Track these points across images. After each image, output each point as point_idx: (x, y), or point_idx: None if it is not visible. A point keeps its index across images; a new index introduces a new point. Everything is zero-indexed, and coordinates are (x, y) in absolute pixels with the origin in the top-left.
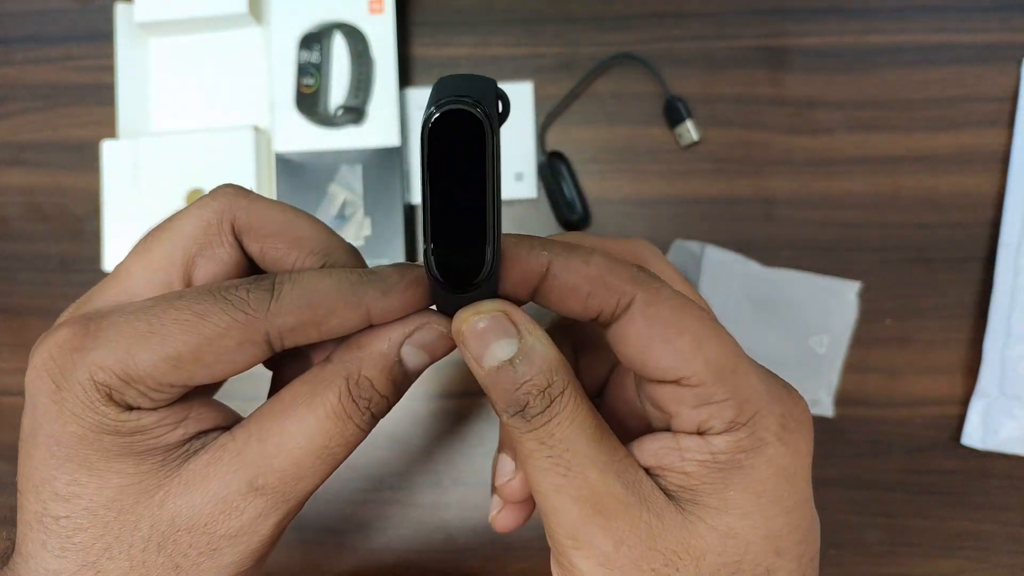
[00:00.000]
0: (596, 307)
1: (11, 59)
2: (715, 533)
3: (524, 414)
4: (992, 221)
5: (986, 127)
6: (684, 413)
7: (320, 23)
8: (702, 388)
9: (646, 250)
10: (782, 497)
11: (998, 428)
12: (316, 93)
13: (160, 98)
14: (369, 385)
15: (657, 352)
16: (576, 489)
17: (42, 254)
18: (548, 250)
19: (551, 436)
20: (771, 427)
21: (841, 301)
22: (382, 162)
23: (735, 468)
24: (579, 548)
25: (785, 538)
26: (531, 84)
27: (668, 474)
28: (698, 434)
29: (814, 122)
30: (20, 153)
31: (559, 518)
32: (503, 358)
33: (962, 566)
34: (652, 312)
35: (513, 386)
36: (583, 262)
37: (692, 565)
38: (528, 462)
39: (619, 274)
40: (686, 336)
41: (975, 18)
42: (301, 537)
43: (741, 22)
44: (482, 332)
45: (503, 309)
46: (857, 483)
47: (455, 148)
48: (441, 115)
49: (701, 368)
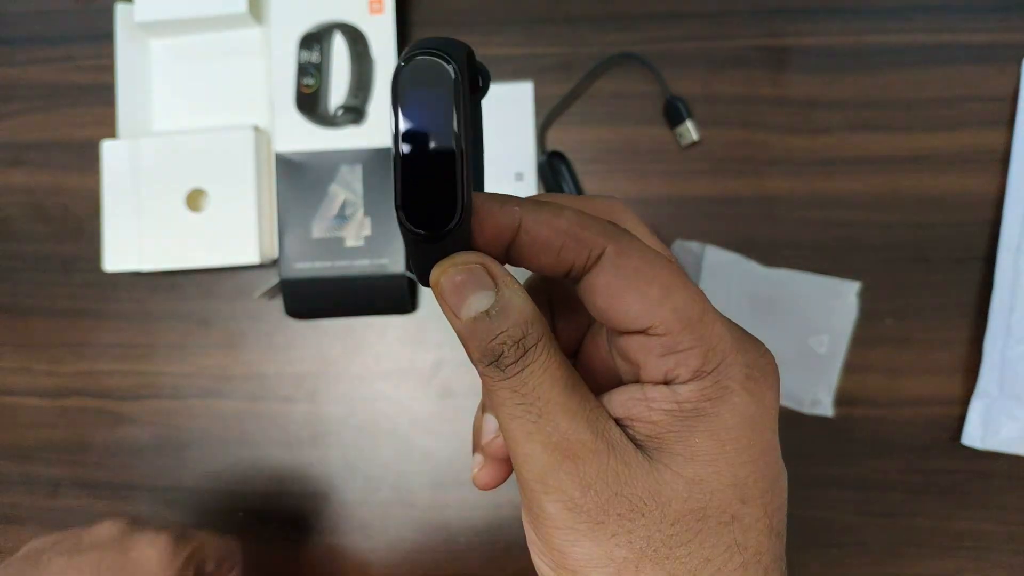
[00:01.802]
0: (568, 260)
1: (12, 59)
2: (680, 480)
3: (499, 363)
4: (992, 221)
5: (986, 127)
6: (651, 362)
7: (320, 23)
8: (669, 337)
9: (618, 206)
10: (747, 445)
11: (998, 428)
12: (316, 93)
13: (160, 98)
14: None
15: (626, 301)
16: (546, 436)
17: (43, 254)
18: (520, 205)
19: (524, 384)
20: (736, 376)
21: (841, 301)
22: (382, 162)
23: (700, 416)
24: (548, 493)
25: (750, 486)
26: (531, 84)
27: (636, 424)
28: (665, 383)
29: (814, 122)
30: (21, 153)
31: (530, 464)
32: (480, 309)
33: (962, 566)
34: (622, 263)
35: (489, 336)
36: (555, 216)
37: (657, 511)
38: (501, 410)
39: (590, 227)
40: (654, 286)
41: (975, 18)
42: (302, 537)
43: (741, 22)
44: (460, 284)
45: (480, 261)
46: (857, 483)
47: (425, 98)
48: (412, 62)
49: (668, 316)
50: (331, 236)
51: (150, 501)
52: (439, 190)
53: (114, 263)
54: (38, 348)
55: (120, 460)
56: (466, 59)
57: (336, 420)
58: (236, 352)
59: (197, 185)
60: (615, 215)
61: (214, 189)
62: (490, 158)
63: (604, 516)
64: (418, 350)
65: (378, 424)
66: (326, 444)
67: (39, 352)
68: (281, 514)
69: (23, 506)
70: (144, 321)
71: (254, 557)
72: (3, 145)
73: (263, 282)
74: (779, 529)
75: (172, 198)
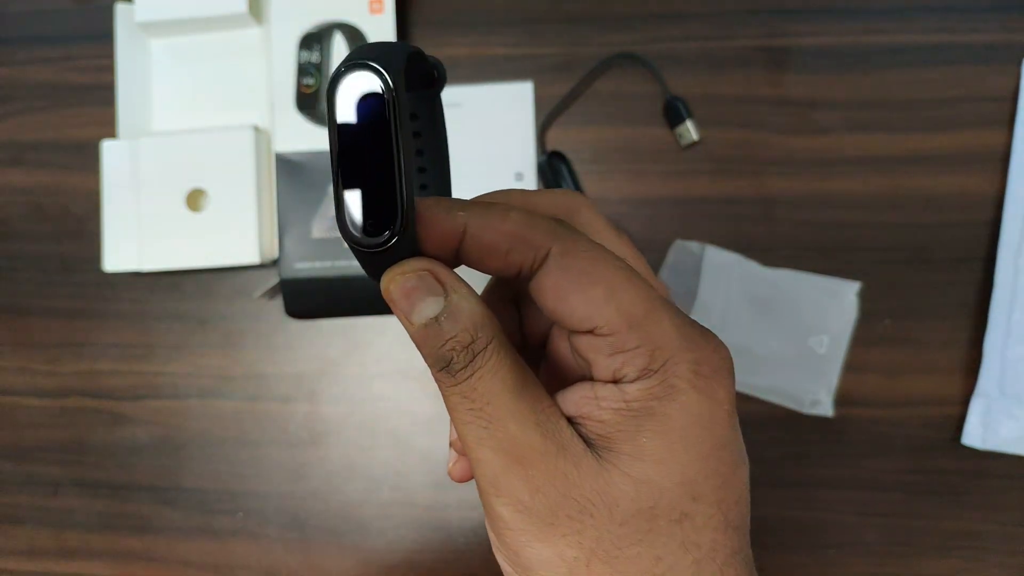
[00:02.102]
0: (516, 263)
1: (12, 59)
2: (629, 480)
3: (449, 369)
4: (992, 221)
5: (986, 127)
6: (600, 362)
7: (320, 23)
8: (615, 337)
9: (575, 200)
10: (697, 443)
11: (998, 428)
12: (316, 93)
13: (160, 98)
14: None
15: (572, 302)
16: (496, 441)
17: (43, 254)
18: (465, 210)
19: (473, 390)
20: (683, 374)
21: (841, 301)
22: None
23: (648, 415)
24: (499, 496)
25: (701, 483)
26: (531, 84)
27: (587, 422)
28: (614, 382)
29: (814, 122)
30: (21, 153)
31: (482, 468)
32: (430, 315)
33: (961, 566)
34: (567, 263)
35: (438, 342)
36: (500, 219)
37: (606, 512)
38: (454, 415)
39: (536, 228)
40: (599, 286)
41: (975, 18)
42: (301, 537)
43: (741, 22)
44: (409, 291)
45: (428, 267)
46: (857, 483)
47: (359, 110)
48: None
49: (613, 316)
50: (331, 236)
51: (150, 501)
52: (379, 201)
53: (114, 263)
54: (37, 348)
55: (120, 460)
56: (407, 61)
57: (336, 420)
58: (236, 352)
59: (197, 185)
60: (571, 209)
61: (214, 189)
62: (490, 158)
63: (553, 518)
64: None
65: (378, 424)
66: (326, 444)
67: (39, 352)
68: (281, 514)
69: (23, 506)
70: (144, 321)
71: (254, 557)
72: (3, 145)
73: (263, 282)
74: (736, 523)
75: (172, 198)
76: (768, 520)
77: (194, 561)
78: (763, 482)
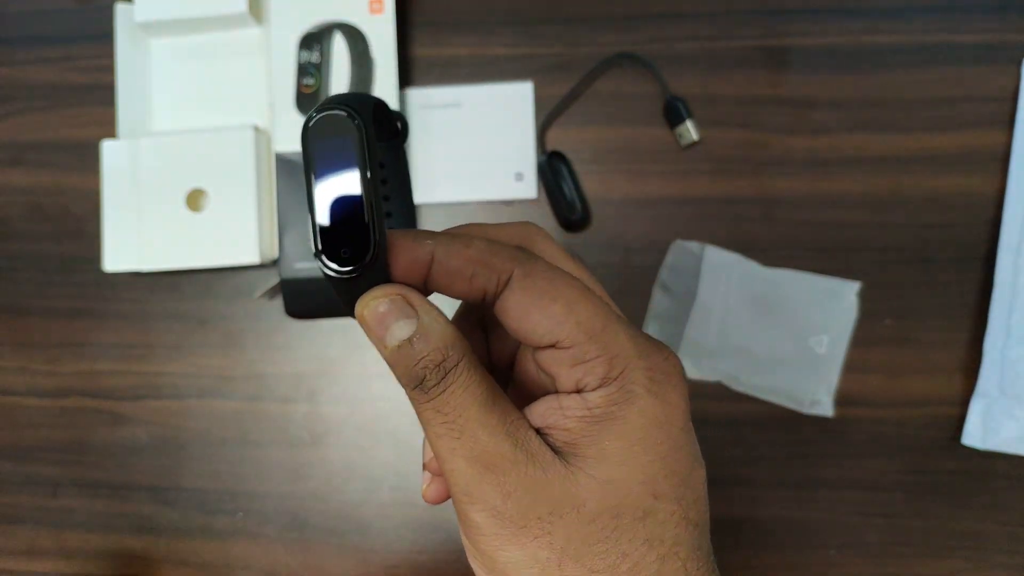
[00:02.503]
0: (480, 287)
1: (12, 59)
2: (594, 481)
3: (422, 386)
4: (992, 221)
5: (986, 127)
6: (564, 374)
7: (320, 23)
8: (576, 348)
9: (532, 231)
10: (655, 444)
11: (998, 428)
12: (316, 93)
13: (160, 98)
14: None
15: (534, 319)
16: (468, 450)
17: (43, 254)
18: (432, 239)
19: (446, 404)
20: (639, 380)
21: (841, 301)
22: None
23: (609, 420)
24: (473, 503)
25: (662, 482)
26: (531, 84)
27: (554, 432)
28: (577, 392)
29: (814, 122)
30: (21, 153)
31: (455, 478)
32: (402, 337)
33: (962, 566)
34: (528, 283)
35: (412, 361)
36: (464, 246)
37: (574, 512)
38: (428, 430)
39: (498, 254)
40: (558, 302)
41: (975, 18)
42: (302, 537)
43: (741, 22)
44: (383, 315)
45: (400, 292)
46: (857, 483)
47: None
48: (319, 118)
49: (574, 330)
50: None
51: (149, 501)
52: (353, 232)
53: (114, 263)
54: (37, 348)
55: (119, 460)
56: (374, 110)
57: (336, 420)
58: (236, 352)
59: (197, 185)
60: (528, 238)
61: (214, 189)
62: (490, 158)
63: (525, 521)
64: None
65: (378, 424)
66: (326, 444)
67: (38, 352)
68: (281, 514)
69: (23, 506)
70: (144, 321)
71: (254, 557)
72: (3, 145)
73: (263, 282)
74: (696, 520)
75: (172, 198)
76: (768, 520)
77: (194, 561)
78: (763, 482)
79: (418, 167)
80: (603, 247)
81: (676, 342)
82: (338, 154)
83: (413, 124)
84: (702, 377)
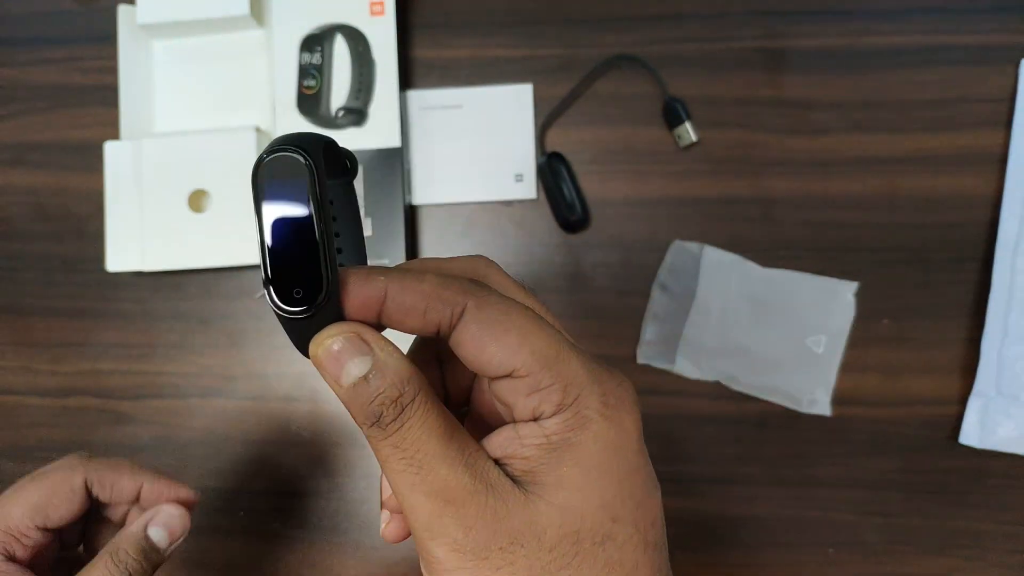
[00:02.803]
0: (435, 321)
1: (15, 60)
2: (553, 508)
3: (379, 423)
4: (989, 221)
5: (983, 128)
6: (520, 402)
7: (321, 25)
8: (531, 377)
9: (482, 263)
10: (611, 469)
11: (995, 427)
12: (317, 94)
13: (163, 99)
14: (126, 553)
15: (490, 350)
16: (428, 485)
17: (45, 254)
18: (384, 275)
19: (403, 440)
20: (593, 405)
21: (838, 301)
22: (383, 163)
23: (566, 447)
24: (434, 538)
25: (619, 506)
26: (531, 86)
27: (512, 461)
28: (534, 420)
29: (812, 123)
30: (24, 154)
31: (416, 514)
32: (358, 375)
33: (959, 565)
34: (482, 316)
35: (368, 399)
36: (417, 281)
37: (534, 541)
38: (386, 466)
39: (450, 287)
40: (512, 332)
41: (972, 19)
42: (303, 536)
43: (740, 24)
44: (337, 353)
45: (354, 330)
46: (855, 482)
47: (283, 189)
48: (269, 159)
49: (528, 359)
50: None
51: None
52: (305, 271)
53: (116, 263)
54: (40, 347)
55: None
56: (323, 150)
57: (337, 419)
58: (237, 351)
59: (199, 186)
60: (479, 271)
61: (216, 190)
62: (490, 160)
63: (487, 552)
64: None
65: None
66: (327, 443)
67: (41, 351)
68: (282, 513)
69: None
70: (146, 321)
71: (256, 557)
72: (6, 146)
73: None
74: (654, 542)
75: (174, 198)
76: (766, 519)
77: (195, 561)
78: (762, 481)
79: (418, 168)
80: (602, 247)
81: (675, 341)
82: (290, 195)
83: (414, 125)
84: (700, 376)
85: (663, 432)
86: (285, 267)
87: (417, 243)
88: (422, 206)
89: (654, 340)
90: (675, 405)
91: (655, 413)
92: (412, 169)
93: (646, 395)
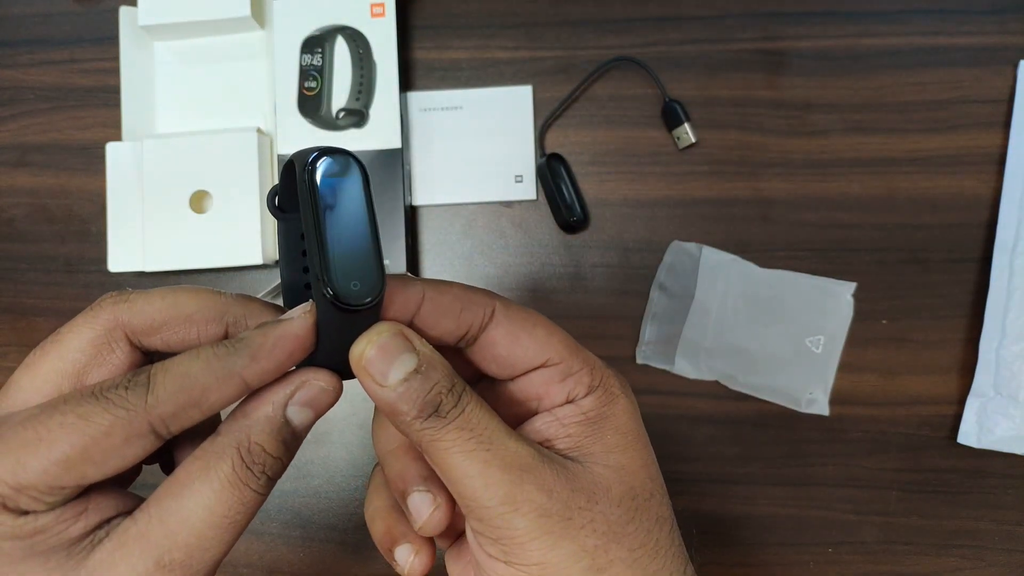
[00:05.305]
0: (468, 321)
1: (16, 62)
2: (610, 470)
3: (439, 412)
4: (987, 222)
5: (982, 129)
6: (554, 389)
7: (322, 27)
8: (564, 363)
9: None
10: (640, 435)
11: (993, 427)
12: (318, 96)
13: (164, 100)
14: (261, 450)
15: (524, 343)
16: (502, 458)
17: (48, 255)
18: (420, 282)
19: (469, 421)
20: (615, 385)
21: (837, 301)
22: (384, 164)
23: (603, 419)
24: (517, 508)
25: (651, 465)
26: (530, 87)
27: (555, 441)
28: (568, 403)
29: (810, 124)
30: (25, 155)
31: (492, 490)
32: (408, 370)
33: (958, 564)
34: (512, 314)
35: (424, 391)
36: (449, 287)
37: (605, 497)
38: (449, 455)
39: (478, 292)
40: (539, 327)
41: (971, 20)
42: (305, 535)
43: (738, 25)
44: (384, 351)
45: (398, 329)
46: (853, 482)
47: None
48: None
49: (560, 347)
50: None
51: None
52: (364, 268)
53: (118, 264)
54: None
55: None
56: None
57: (339, 418)
58: None
59: (201, 187)
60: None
61: (217, 191)
62: (490, 161)
63: (570, 512)
64: None
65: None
66: (329, 442)
67: None
68: (283, 512)
69: None
70: None
71: (256, 555)
72: (8, 147)
73: (266, 283)
74: (670, 502)
75: (176, 200)
76: (765, 518)
77: None
78: (760, 480)
79: (419, 169)
80: (602, 248)
81: (674, 341)
82: (344, 194)
83: (414, 127)
84: (699, 376)
85: (662, 432)
86: (345, 266)
87: (417, 244)
88: (422, 207)
89: (653, 340)
90: (674, 405)
91: (654, 413)
92: (412, 170)
93: (645, 395)
